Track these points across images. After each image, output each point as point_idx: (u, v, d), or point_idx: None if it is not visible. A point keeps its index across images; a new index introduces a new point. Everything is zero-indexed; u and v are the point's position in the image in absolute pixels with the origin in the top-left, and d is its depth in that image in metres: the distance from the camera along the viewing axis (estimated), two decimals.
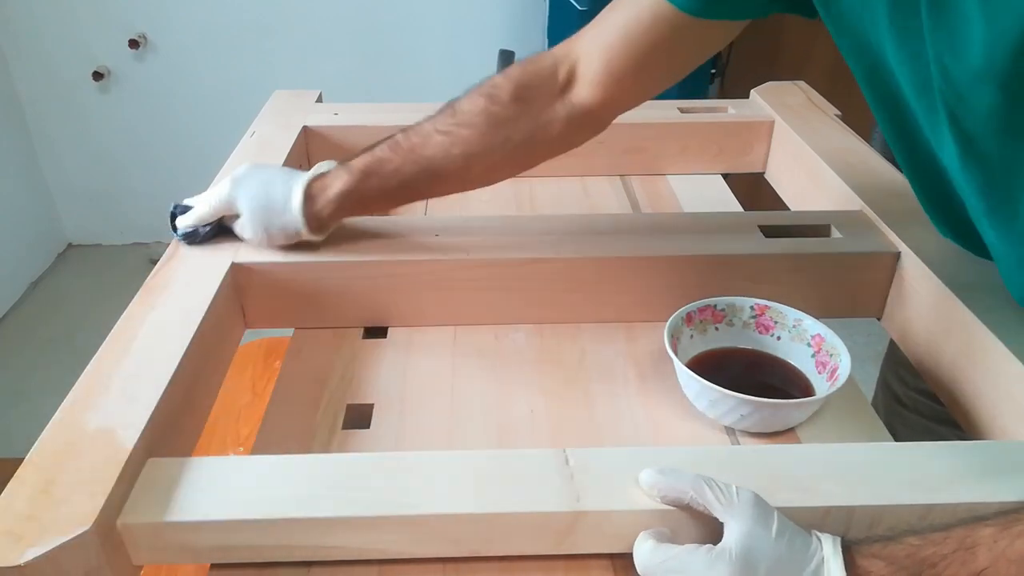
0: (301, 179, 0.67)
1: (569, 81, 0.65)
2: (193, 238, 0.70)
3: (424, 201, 0.97)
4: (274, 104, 1.05)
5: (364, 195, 0.68)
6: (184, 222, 0.70)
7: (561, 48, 0.66)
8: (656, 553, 0.45)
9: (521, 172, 0.70)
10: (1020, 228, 0.52)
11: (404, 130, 0.68)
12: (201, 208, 0.70)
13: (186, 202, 0.72)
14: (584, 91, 0.65)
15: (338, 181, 0.67)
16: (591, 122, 0.68)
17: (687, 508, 0.47)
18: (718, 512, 0.45)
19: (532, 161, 0.69)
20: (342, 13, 2.21)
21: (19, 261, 2.33)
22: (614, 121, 0.69)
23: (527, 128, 0.66)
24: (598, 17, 0.65)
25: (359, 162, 0.68)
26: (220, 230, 0.71)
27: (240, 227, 0.69)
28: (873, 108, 0.61)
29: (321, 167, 0.69)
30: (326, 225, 0.69)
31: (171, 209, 0.72)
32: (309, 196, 0.67)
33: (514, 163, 0.69)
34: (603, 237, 0.73)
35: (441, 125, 0.67)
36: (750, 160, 1.03)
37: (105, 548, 0.45)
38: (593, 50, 0.64)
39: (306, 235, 0.68)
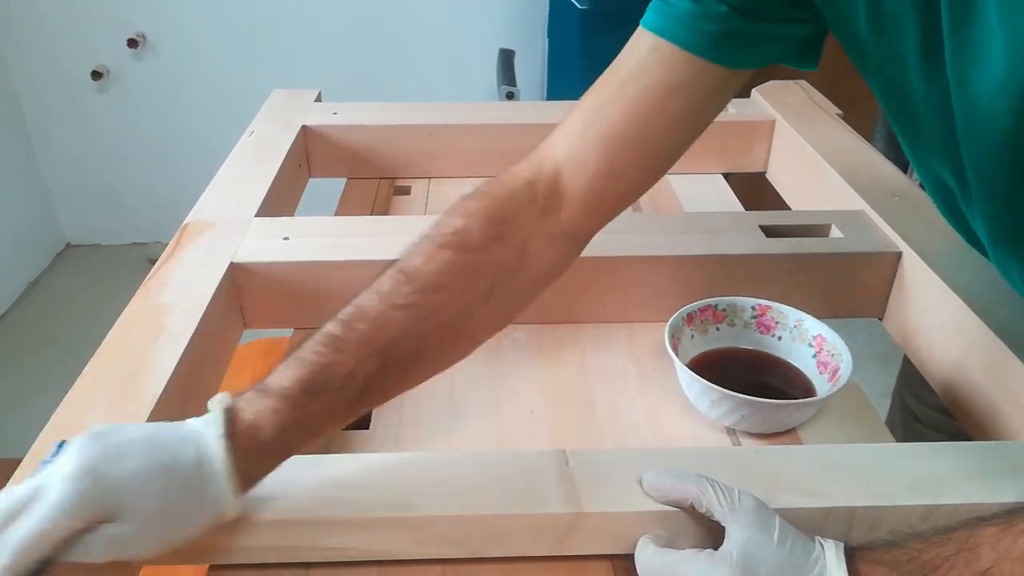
0: (206, 433, 0.43)
1: (552, 198, 0.54)
2: None
3: (424, 201, 0.97)
4: (273, 103, 1.05)
5: (313, 424, 0.46)
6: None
7: (528, 165, 0.55)
8: (657, 558, 0.45)
9: (511, 322, 0.57)
10: None
11: (337, 320, 0.48)
12: (26, 531, 0.38)
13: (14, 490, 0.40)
14: (574, 205, 0.54)
15: (265, 416, 0.44)
16: (580, 241, 0.58)
17: (689, 510, 0.46)
18: (720, 515, 0.45)
19: (523, 304, 0.56)
20: (341, 13, 2.21)
21: (17, 261, 2.32)
22: None
23: (510, 270, 0.53)
24: (566, 118, 0.56)
25: (287, 380, 0.45)
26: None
27: (112, 536, 0.40)
28: (890, 118, 0.58)
29: (219, 402, 0.45)
30: (260, 476, 0.46)
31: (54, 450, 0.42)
32: (232, 453, 0.43)
33: (502, 317, 0.55)
34: (603, 237, 0.72)
35: (398, 299, 0.49)
36: (751, 160, 1.03)
37: None
38: (582, 149, 0.54)
39: (232, 514, 0.45)
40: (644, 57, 0.53)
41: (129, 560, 0.43)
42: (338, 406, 0.47)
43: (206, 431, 0.43)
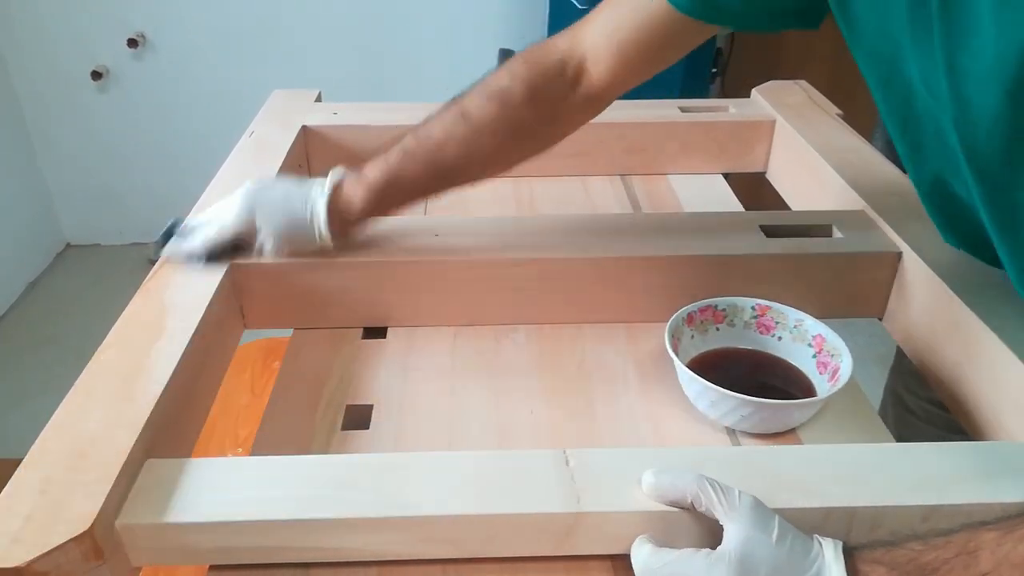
0: (320, 194, 0.67)
1: (578, 75, 0.68)
2: (200, 260, 0.67)
3: (424, 200, 0.97)
4: (273, 104, 1.05)
5: (386, 207, 0.69)
6: (192, 244, 0.67)
7: (563, 42, 0.68)
8: (654, 558, 0.45)
9: (534, 157, 0.73)
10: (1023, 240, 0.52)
11: (414, 134, 0.68)
12: (212, 229, 0.67)
13: (189, 221, 0.69)
14: (593, 84, 0.68)
15: (358, 197, 0.67)
16: (597, 107, 0.71)
17: (689, 509, 0.46)
18: (719, 514, 0.45)
19: (547, 147, 0.72)
20: (341, 12, 2.21)
21: (17, 261, 2.32)
22: (614, 120, 0.74)
23: (544, 127, 0.69)
24: (595, 12, 0.67)
25: (375, 173, 0.67)
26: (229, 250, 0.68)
27: (259, 244, 0.68)
28: (885, 118, 0.61)
29: (334, 175, 0.68)
30: (348, 239, 0.70)
31: (168, 225, 0.69)
32: (332, 211, 0.67)
33: (529, 153, 0.71)
34: (603, 237, 0.72)
35: (456, 132, 0.67)
36: (751, 160, 1.03)
37: (104, 549, 0.44)
38: (600, 44, 0.66)
39: (329, 247, 0.68)
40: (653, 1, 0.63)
41: (272, 256, 0.68)
42: (406, 197, 0.69)
43: (319, 191, 0.67)
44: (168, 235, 0.69)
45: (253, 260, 0.69)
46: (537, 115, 0.68)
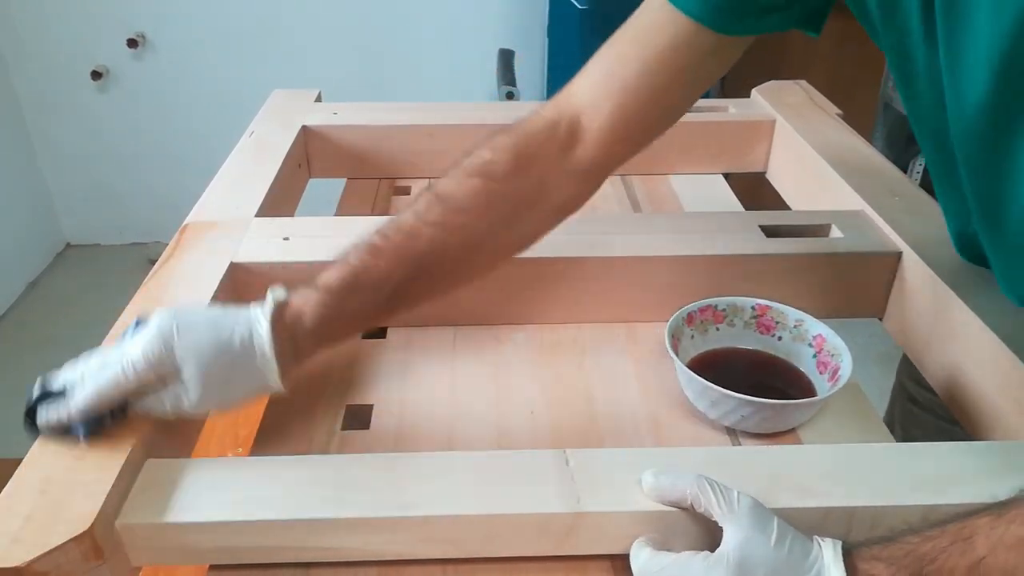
0: (262, 313, 0.52)
1: (572, 135, 0.59)
2: (99, 424, 0.49)
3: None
4: (273, 103, 1.05)
5: (348, 317, 0.55)
6: (77, 406, 0.48)
7: (551, 105, 0.60)
8: (653, 561, 0.45)
9: (525, 251, 0.62)
10: (1008, 234, 0.52)
11: (378, 231, 0.56)
12: (103, 380, 0.48)
13: (55, 382, 0.50)
14: (588, 150, 0.59)
15: (310, 306, 0.53)
16: (594, 181, 0.62)
17: (688, 510, 0.46)
18: (718, 516, 0.45)
19: (538, 235, 0.62)
20: (341, 12, 2.21)
21: (17, 261, 2.32)
22: None
23: (530, 202, 0.59)
24: (584, 68, 0.60)
25: (332, 278, 0.54)
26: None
27: (176, 393, 0.50)
28: (912, 124, 0.60)
29: (276, 293, 0.54)
30: (304, 359, 0.55)
31: (32, 394, 0.50)
32: (277, 332, 0.52)
33: (519, 241, 0.62)
34: (603, 237, 0.72)
35: (430, 216, 0.57)
36: (751, 160, 1.02)
37: (104, 549, 0.44)
38: (599, 91, 0.59)
39: (275, 386, 0.53)
40: (654, 17, 0.57)
41: (188, 416, 0.52)
42: (373, 304, 0.56)
43: (258, 316, 0.52)
44: (38, 400, 0.50)
45: (253, 259, 0.69)
46: (525, 189, 0.58)
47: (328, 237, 0.72)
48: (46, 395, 0.50)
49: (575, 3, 1.75)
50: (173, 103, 2.31)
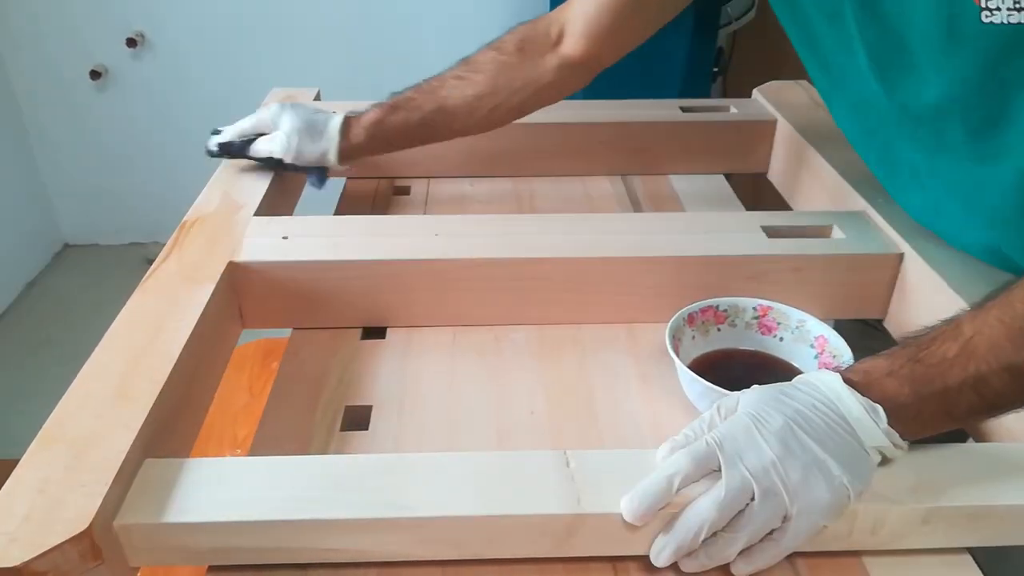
0: (335, 113, 0.81)
1: (559, 38, 0.80)
2: (228, 148, 0.81)
3: (424, 201, 0.97)
4: (271, 102, 1.04)
5: (390, 127, 0.81)
6: (222, 136, 0.81)
7: (555, 12, 0.81)
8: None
9: (519, 117, 0.83)
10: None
11: (427, 79, 0.82)
12: (242, 122, 0.81)
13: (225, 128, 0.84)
14: (570, 46, 0.79)
15: (369, 114, 0.81)
16: (577, 73, 0.81)
17: (677, 494, 0.46)
18: (717, 465, 0.46)
19: (529, 105, 0.82)
20: (341, 12, 2.20)
21: (16, 261, 2.32)
22: (615, 120, 0.77)
23: (526, 74, 0.80)
24: None
25: (385, 102, 0.81)
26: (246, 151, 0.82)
27: (271, 140, 0.80)
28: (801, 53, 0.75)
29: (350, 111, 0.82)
30: (355, 151, 0.81)
31: (212, 133, 0.83)
32: (346, 125, 0.80)
33: (513, 106, 0.81)
34: (603, 237, 0.72)
35: (456, 71, 0.81)
36: (752, 160, 1.02)
37: (102, 549, 0.44)
38: (579, 13, 0.78)
39: (333, 158, 0.80)
40: None
41: (276, 156, 0.80)
42: (406, 124, 0.81)
43: (338, 114, 0.81)
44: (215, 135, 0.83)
45: (252, 259, 0.69)
46: (522, 65, 0.80)
47: (327, 236, 0.72)
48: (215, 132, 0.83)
49: None
50: (172, 102, 2.31)
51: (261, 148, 0.80)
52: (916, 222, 0.72)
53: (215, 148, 0.81)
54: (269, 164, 0.82)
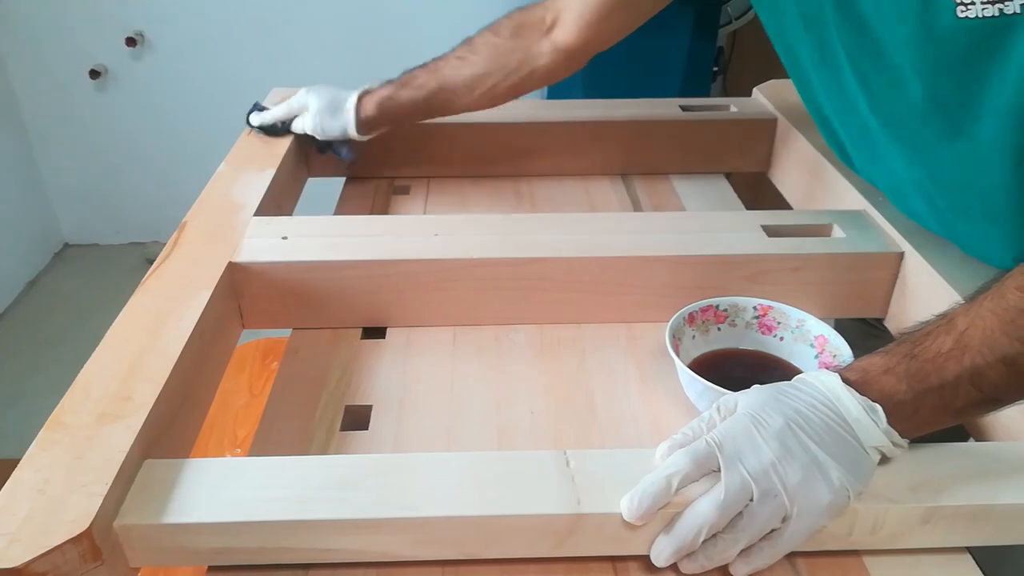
0: (350, 92, 0.89)
1: (553, 24, 0.84)
2: (271, 130, 0.92)
3: (424, 201, 0.97)
4: (272, 102, 1.05)
5: (398, 102, 0.87)
6: (263, 119, 0.92)
7: (547, 5, 0.85)
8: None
9: (514, 98, 0.88)
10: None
11: (433, 58, 0.87)
12: (278, 110, 0.92)
13: (264, 103, 0.96)
14: (563, 33, 0.83)
15: (381, 90, 0.88)
16: (569, 58, 0.85)
17: (678, 494, 0.46)
18: (716, 466, 0.46)
19: (524, 86, 0.87)
20: (341, 12, 2.20)
21: (15, 261, 2.32)
22: (616, 120, 0.77)
23: (520, 58, 0.85)
24: None
25: (394, 80, 0.88)
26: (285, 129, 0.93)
27: (303, 120, 0.90)
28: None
29: (363, 88, 0.89)
30: (370, 124, 0.88)
31: (251, 107, 0.94)
32: (360, 100, 0.87)
33: (508, 87, 0.86)
34: (604, 237, 0.72)
35: (458, 52, 0.86)
36: (753, 159, 1.02)
37: (102, 550, 0.44)
38: (573, 1, 0.82)
39: (353, 132, 0.88)
40: None
41: (310, 129, 0.90)
42: (413, 100, 0.87)
43: (350, 92, 0.89)
44: (251, 112, 0.94)
45: (252, 259, 0.69)
46: (517, 48, 0.84)
47: (327, 237, 0.72)
48: (255, 108, 0.94)
49: None
50: (172, 102, 2.31)
51: (297, 126, 0.91)
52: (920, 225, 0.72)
53: (256, 125, 0.93)
54: (306, 141, 0.93)
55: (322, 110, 0.88)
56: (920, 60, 0.56)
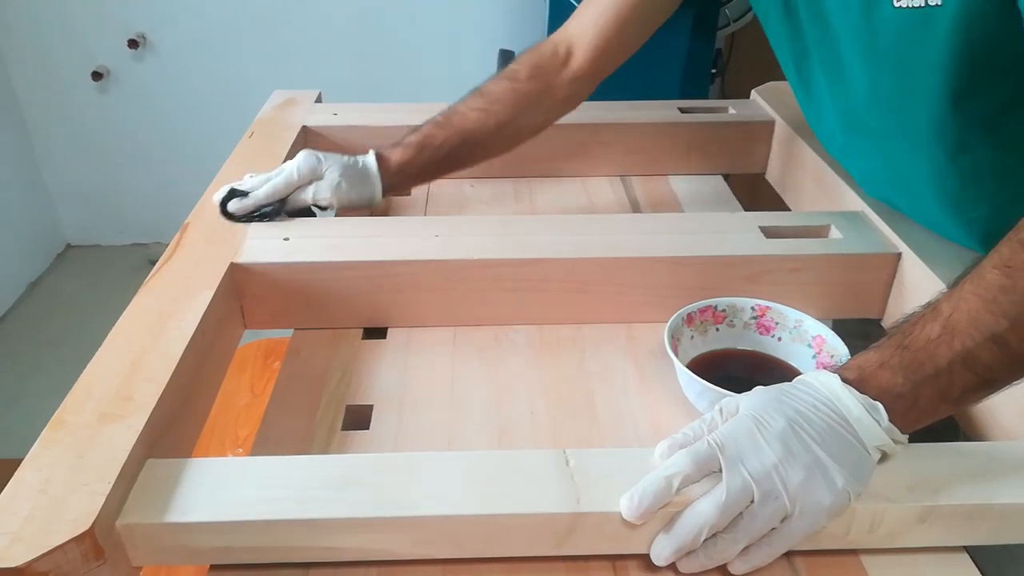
0: (369, 154, 0.82)
1: (568, 56, 0.84)
2: (263, 214, 0.75)
3: (424, 201, 0.98)
4: (273, 104, 1.05)
5: (420, 165, 0.83)
6: (244, 206, 0.74)
7: (557, 34, 0.86)
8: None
9: (536, 135, 0.88)
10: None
11: (442, 114, 0.84)
12: (261, 192, 0.75)
13: (238, 186, 0.76)
14: (579, 61, 0.83)
15: (396, 155, 0.82)
16: (587, 84, 0.86)
17: (677, 494, 0.46)
18: (718, 467, 0.46)
19: (546, 123, 0.87)
20: (342, 13, 2.21)
21: (18, 261, 2.32)
22: (614, 121, 0.79)
23: (541, 98, 0.84)
24: (578, 8, 0.85)
25: (411, 140, 0.83)
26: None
27: (317, 189, 0.77)
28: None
29: (374, 151, 0.83)
30: (389, 191, 0.83)
31: (223, 195, 0.75)
32: (379, 164, 0.81)
33: (533, 126, 0.86)
34: (603, 237, 0.72)
35: (474, 104, 0.83)
36: (751, 160, 1.03)
37: (104, 549, 0.44)
38: (586, 28, 0.83)
39: (377, 199, 0.81)
40: None
41: (321, 204, 0.79)
42: (434, 160, 0.83)
43: (369, 154, 0.82)
44: (228, 198, 0.75)
45: (253, 260, 0.69)
46: (538, 91, 0.83)
47: (328, 238, 0.72)
48: (232, 194, 0.75)
49: (574, 3, 1.75)
50: (173, 104, 2.31)
51: (304, 199, 0.77)
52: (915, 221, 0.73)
53: (240, 214, 0.74)
54: (303, 214, 0.78)
55: (343, 177, 0.78)
56: (865, 50, 0.59)
